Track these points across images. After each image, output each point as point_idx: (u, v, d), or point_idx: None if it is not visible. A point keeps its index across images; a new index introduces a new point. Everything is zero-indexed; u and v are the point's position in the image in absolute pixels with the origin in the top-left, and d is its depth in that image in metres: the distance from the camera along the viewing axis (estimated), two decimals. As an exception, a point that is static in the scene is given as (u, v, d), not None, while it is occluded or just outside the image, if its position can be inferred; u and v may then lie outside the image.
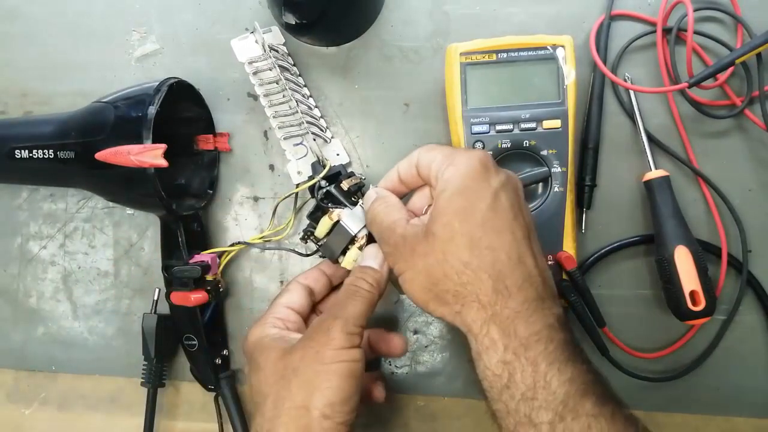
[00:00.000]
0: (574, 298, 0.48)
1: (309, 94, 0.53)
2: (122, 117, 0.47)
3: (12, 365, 0.56)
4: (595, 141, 0.52)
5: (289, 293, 0.48)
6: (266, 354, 0.43)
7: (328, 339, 0.41)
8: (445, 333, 0.53)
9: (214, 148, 0.54)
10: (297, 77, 0.53)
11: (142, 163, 0.45)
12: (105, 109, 0.48)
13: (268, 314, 0.46)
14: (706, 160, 0.52)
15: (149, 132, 0.45)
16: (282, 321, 0.46)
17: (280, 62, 0.51)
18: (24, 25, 0.58)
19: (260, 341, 0.44)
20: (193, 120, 0.54)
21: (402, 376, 0.53)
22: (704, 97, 0.52)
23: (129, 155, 0.45)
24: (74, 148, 0.48)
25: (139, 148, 0.45)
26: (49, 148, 0.49)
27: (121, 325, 0.56)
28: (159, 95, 0.47)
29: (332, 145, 0.53)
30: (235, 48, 0.52)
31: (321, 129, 0.52)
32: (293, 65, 0.53)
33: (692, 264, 0.48)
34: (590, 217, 0.53)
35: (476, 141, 0.48)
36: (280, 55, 0.52)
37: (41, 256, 0.56)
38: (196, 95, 0.53)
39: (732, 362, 0.52)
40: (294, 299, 0.47)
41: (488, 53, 0.48)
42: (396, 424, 0.53)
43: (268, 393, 0.41)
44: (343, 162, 0.52)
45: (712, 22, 0.53)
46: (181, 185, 0.53)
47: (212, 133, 0.54)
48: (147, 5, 0.57)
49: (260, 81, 0.52)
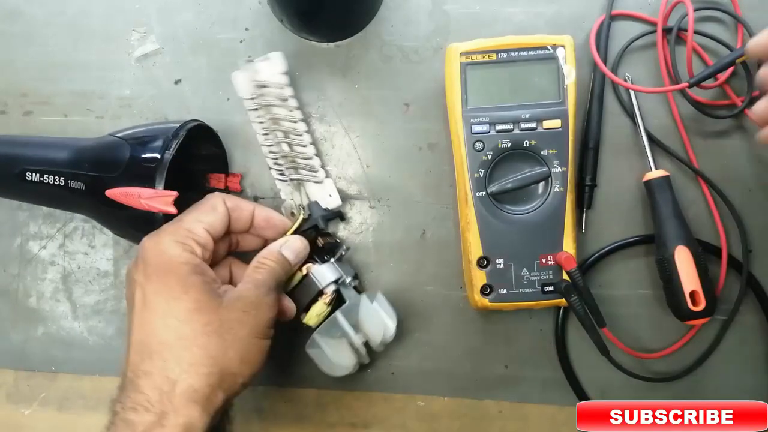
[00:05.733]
0: (575, 298, 0.48)
1: (306, 129, 0.52)
2: (137, 158, 0.46)
3: (12, 365, 0.56)
4: (596, 141, 0.52)
5: (214, 213, 0.45)
6: (189, 289, 0.41)
7: (271, 320, 0.42)
8: (445, 333, 0.53)
9: (225, 187, 0.53)
10: (292, 112, 0.51)
11: (151, 207, 0.44)
12: (121, 147, 0.47)
13: (184, 228, 0.43)
14: (707, 160, 0.52)
15: (162, 178, 0.45)
16: (200, 246, 0.43)
17: (270, 101, 0.50)
18: (24, 25, 0.58)
19: (178, 265, 0.41)
20: (208, 158, 0.53)
21: (402, 376, 0.53)
22: (704, 97, 0.52)
23: (139, 198, 0.44)
24: (86, 180, 0.47)
25: (150, 193, 0.44)
26: (61, 175, 0.48)
27: (120, 325, 0.55)
28: (177, 140, 0.46)
29: (325, 185, 0.52)
30: (234, 81, 0.51)
31: (311, 170, 0.51)
32: (292, 97, 0.51)
33: (692, 264, 0.48)
34: (590, 217, 0.52)
35: (476, 141, 0.48)
36: (278, 86, 0.51)
37: (41, 256, 0.56)
38: (214, 136, 0.52)
39: (732, 362, 0.52)
40: (217, 224, 0.45)
41: (488, 53, 0.48)
42: (396, 424, 0.53)
43: (186, 337, 0.40)
44: (336, 204, 0.52)
45: (713, 21, 0.53)
46: None
47: (225, 173, 0.54)
48: (147, 5, 0.56)
49: (256, 117, 0.51)
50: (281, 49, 0.55)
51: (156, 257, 0.42)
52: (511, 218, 0.48)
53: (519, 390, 0.52)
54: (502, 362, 0.53)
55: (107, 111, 0.56)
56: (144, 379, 0.39)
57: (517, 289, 0.48)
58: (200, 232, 0.43)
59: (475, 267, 0.48)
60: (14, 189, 0.51)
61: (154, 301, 0.41)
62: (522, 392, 0.52)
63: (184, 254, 0.42)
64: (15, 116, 0.57)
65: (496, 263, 0.48)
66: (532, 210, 0.48)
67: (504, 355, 0.53)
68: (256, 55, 0.55)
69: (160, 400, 0.38)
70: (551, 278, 0.48)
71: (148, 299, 0.41)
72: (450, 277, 0.53)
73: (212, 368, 0.39)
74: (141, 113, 0.56)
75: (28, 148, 0.51)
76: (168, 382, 0.39)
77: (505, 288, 0.48)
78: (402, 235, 0.53)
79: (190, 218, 0.44)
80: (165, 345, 0.40)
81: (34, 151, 0.50)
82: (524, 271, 0.48)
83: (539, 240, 0.48)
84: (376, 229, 0.54)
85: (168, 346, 0.40)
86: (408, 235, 0.53)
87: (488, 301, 0.48)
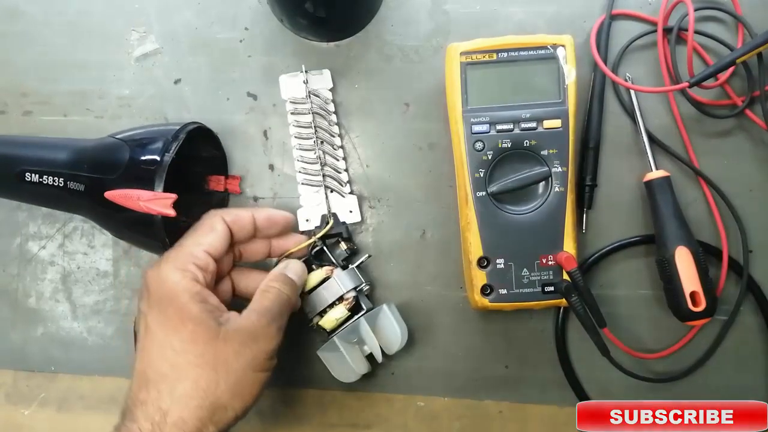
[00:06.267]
0: (575, 299, 0.47)
1: (340, 145, 0.53)
2: (136, 160, 0.46)
3: (11, 365, 0.56)
4: (596, 141, 0.52)
5: (214, 234, 0.44)
6: (186, 320, 0.40)
7: (272, 351, 0.42)
8: (445, 333, 0.53)
9: (224, 189, 0.53)
10: (332, 126, 0.53)
11: (150, 210, 0.44)
12: (121, 148, 0.47)
13: (184, 253, 0.43)
14: (707, 160, 0.52)
15: (161, 180, 0.44)
16: (201, 270, 0.43)
17: (316, 110, 0.52)
18: (24, 25, 0.58)
19: (177, 293, 0.41)
20: (207, 160, 0.53)
21: (402, 376, 0.53)
22: (705, 96, 0.52)
23: (138, 200, 0.44)
24: (85, 181, 0.47)
25: (149, 195, 0.44)
26: (60, 176, 0.48)
27: (120, 326, 0.55)
28: (176, 143, 0.46)
29: (347, 200, 0.53)
30: (282, 83, 0.53)
31: (340, 183, 0.52)
32: (333, 112, 0.53)
33: (693, 265, 0.48)
34: (591, 217, 0.52)
35: (476, 141, 0.48)
36: (321, 101, 0.53)
37: (40, 256, 0.56)
38: (213, 138, 0.52)
39: (733, 363, 0.52)
40: (217, 244, 0.44)
41: (488, 53, 0.48)
42: (396, 424, 0.53)
43: (180, 368, 0.40)
44: (355, 220, 0.52)
45: (713, 21, 0.53)
46: (185, 225, 0.52)
47: (225, 175, 0.54)
48: (146, 5, 0.56)
49: (296, 122, 0.52)
50: (281, 49, 0.55)
51: (157, 287, 0.42)
52: (512, 218, 0.48)
53: (519, 390, 0.52)
54: (502, 362, 0.53)
55: (107, 111, 0.56)
56: (139, 408, 0.39)
57: (518, 289, 0.48)
58: (201, 255, 0.43)
59: (475, 267, 0.48)
60: (13, 189, 0.51)
61: (154, 331, 0.41)
62: (522, 392, 0.52)
63: (183, 281, 0.42)
64: (15, 116, 0.57)
65: (497, 263, 0.48)
66: (532, 210, 0.48)
67: (504, 355, 0.53)
68: (256, 54, 0.55)
69: (152, 430, 0.39)
70: (551, 278, 0.48)
71: (150, 329, 0.41)
72: (450, 277, 0.53)
73: (203, 401, 0.39)
74: (140, 113, 0.56)
75: (27, 148, 0.51)
76: (160, 412, 0.39)
77: (505, 288, 0.48)
78: (402, 235, 0.53)
79: (189, 242, 0.44)
80: (161, 375, 0.40)
81: (33, 152, 0.50)
82: (524, 271, 0.48)
83: (539, 240, 0.48)
84: (376, 229, 0.54)
85: (163, 376, 0.40)
86: (408, 235, 0.53)
87: (488, 301, 0.48)
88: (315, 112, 0.52)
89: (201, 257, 0.43)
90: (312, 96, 0.52)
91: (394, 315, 0.49)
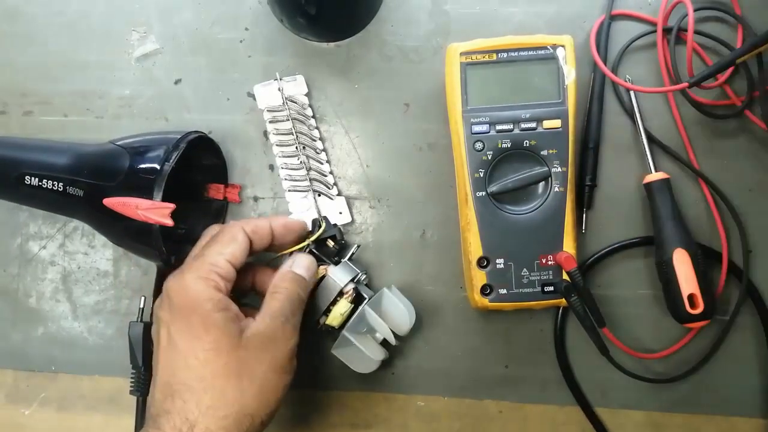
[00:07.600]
0: (575, 299, 0.48)
1: (322, 148, 0.53)
2: (136, 168, 0.46)
3: (11, 365, 0.56)
4: (596, 141, 0.52)
5: (235, 244, 0.44)
6: (210, 328, 0.41)
7: (290, 351, 0.43)
8: (445, 333, 0.53)
9: (223, 198, 0.53)
10: (312, 130, 0.53)
11: (148, 219, 0.44)
12: (121, 155, 0.47)
13: (206, 262, 0.43)
14: (707, 161, 0.52)
15: (160, 189, 0.44)
16: (223, 280, 0.43)
17: (295, 116, 0.52)
18: (24, 25, 0.58)
19: (200, 302, 0.41)
20: (207, 168, 0.53)
21: (402, 376, 0.53)
22: (705, 97, 0.52)
23: (137, 209, 0.44)
24: (84, 187, 0.47)
25: (147, 204, 0.44)
26: (60, 181, 0.48)
27: (120, 326, 0.55)
28: (177, 152, 0.46)
29: (336, 202, 0.53)
30: (257, 93, 0.53)
31: (327, 186, 0.53)
32: (311, 117, 0.53)
33: (691, 267, 0.48)
34: (590, 217, 0.52)
35: (476, 141, 0.48)
36: (298, 107, 0.53)
37: (41, 256, 0.56)
38: (214, 146, 0.52)
39: (733, 363, 0.52)
40: (238, 253, 0.44)
41: (488, 53, 0.48)
42: (396, 424, 0.53)
43: (205, 379, 0.40)
44: (345, 221, 0.53)
45: (713, 21, 0.53)
46: (183, 232, 0.52)
47: (224, 183, 0.54)
48: (147, 5, 0.56)
49: (276, 130, 0.53)
50: (281, 50, 0.55)
51: (180, 296, 0.42)
52: (511, 218, 0.48)
53: (519, 390, 0.52)
54: (502, 362, 0.53)
55: (107, 111, 0.56)
56: (165, 417, 0.39)
57: (517, 289, 0.48)
58: (223, 265, 0.43)
59: (475, 267, 0.48)
60: (13, 192, 0.51)
61: (177, 341, 0.41)
62: (522, 392, 0.52)
63: (207, 290, 0.42)
64: (15, 116, 0.57)
65: (496, 263, 0.48)
66: (532, 210, 0.48)
67: (504, 355, 0.53)
68: (256, 54, 0.55)
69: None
70: (551, 278, 0.48)
71: (172, 338, 0.41)
72: (450, 277, 0.53)
73: (228, 410, 0.40)
74: (141, 113, 0.56)
75: (28, 151, 0.51)
76: (187, 423, 0.39)
77: (505, 288, 0.48)
78: (402, 235, 0.53)
79: (212, 252, 0.44)
80: (186, 386, 0.40)
81: (34, 155, 0.50)
82: (524, 271, 0.48)
83: (539, 240, 0.48)
84: (376, 229, 0.54)
85: (189, 387, 0.40)
86: (408, 235, 0.53)
87: (488, 301, 0.48)
88: (294, 118, 0.52)
89: (223, 266, 0.43)
90: (288, 102, 0.52)
91: (397, 295, 0.49)
